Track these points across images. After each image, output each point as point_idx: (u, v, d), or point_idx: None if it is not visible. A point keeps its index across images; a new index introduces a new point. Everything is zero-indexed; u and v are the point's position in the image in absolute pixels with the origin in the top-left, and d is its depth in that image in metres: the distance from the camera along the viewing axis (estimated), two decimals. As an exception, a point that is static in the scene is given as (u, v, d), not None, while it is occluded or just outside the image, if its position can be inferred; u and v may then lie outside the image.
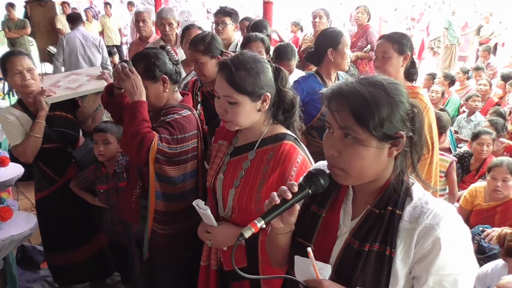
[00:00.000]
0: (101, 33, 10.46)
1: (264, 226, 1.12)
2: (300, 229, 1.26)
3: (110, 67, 6.68)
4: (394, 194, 1.15)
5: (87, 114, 3.06)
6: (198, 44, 2.70)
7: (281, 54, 3.80)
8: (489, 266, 2.56)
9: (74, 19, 6.75)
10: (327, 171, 1.21)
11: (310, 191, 1.17)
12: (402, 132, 1.09)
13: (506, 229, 2.56)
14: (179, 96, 2.31)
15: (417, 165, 1.17)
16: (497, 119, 4.95)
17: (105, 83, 2.85)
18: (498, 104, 6.21)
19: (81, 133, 3.09)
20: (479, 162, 4.14)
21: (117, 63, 9.12)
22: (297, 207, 1.16)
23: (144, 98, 2.09)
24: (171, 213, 2.20)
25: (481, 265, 2.82)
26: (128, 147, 2.06)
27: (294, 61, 3.87)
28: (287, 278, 1.31)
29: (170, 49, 2.26)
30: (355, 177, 1.13)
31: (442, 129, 3.66)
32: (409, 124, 1.11)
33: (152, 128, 2.08)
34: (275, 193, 1.15)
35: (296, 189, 1.14)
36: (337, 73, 3.09)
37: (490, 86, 6.66)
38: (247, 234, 1.11)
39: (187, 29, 3.56)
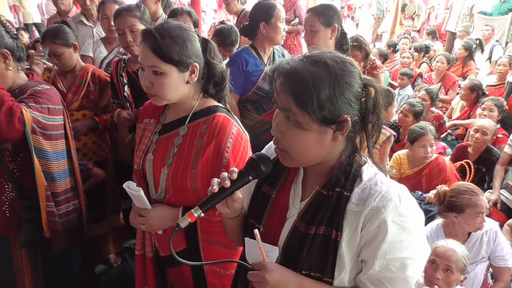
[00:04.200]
0: (14, 8, 9.54)
1: (202, 215, 1.07)
2: (252, 210, 1.22)
3: None
4: (342, 175, 1.09)
5: None
6: (134, 10, 2.52)
7: (224, 37, 3.63)
8: (426, 230, 2.66)
9: None
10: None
11: (251, 177, 1.12)
12: (346, 116, 1.02)
13: (444, 187, 2.67)
14: (25, 76, 2.08)
15: (372, 148, 1.11)
16: (432, 88, 5.19)
17: None
18: (420, 75, 6.51)
19: None
20: (407, 131, 4.31)
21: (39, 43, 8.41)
22: (238, 194, 1.12)
23: None
24: (55, 194, 2.08)
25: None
26: None
27: (237, 46, 3.70)
28: (234, 262, 1.29)
29: (5, 21, 2.00)
30: (298, 160, 1.09)
31: (386, 105, 3.73)
32: (358, 107, 1.04)
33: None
34: (215, 180, 1.09)
35: (235, 176, 1.09)
36: (272, 47, 3.03)
37: (413, 58, 7.08)
38: (183, 224, 1.07)
39: (102, 3, 3.30)
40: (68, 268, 2.35)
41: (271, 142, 1.31)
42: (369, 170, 1.11)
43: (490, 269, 2.68)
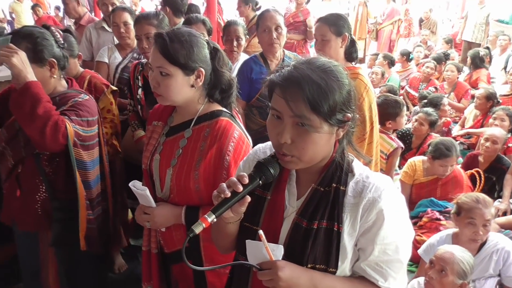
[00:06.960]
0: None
1: (215, 220, 1.09)
2: (246, 214, 1.22)
3: None
4: (337, 171, 1.18)
5: None
6: (152, 18, 2.66)
7: (230, 22, 3.62)
8: (435, 238, 2.71)
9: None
10: (270, 152, 1.21)
11: (260, 181, 1.16)
12: (349, 115, 1.12)
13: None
14: (65, 83, 2.15)
15: (351, 138, 1.21)
16: (436, 96, 5.20)
17: None
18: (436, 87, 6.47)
19: None
20: (419, 140, 4.34)
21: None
22: (248, 198, 1.13)
23: (34, 78, 1.86)
24: (91, 200, 2.17)
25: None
26: (39, 132, 1.85)
27: (242, 29, 3.56)
28: (239, 264, 1.29)
29: (55, 30, 2.07)
30: (306, 161, 1.14)
31: (393, 115, 3.79)
32: (352, 105, 1.13)
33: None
34: (224, 185, 1.11)
35: (246, 180, 1.12)
36: (283, 54, 3.07)
37: (435, 68, 6.87)
38: (198, 229, 1.08)
39: (113, 11, 3.39)
40: (90, 267, 2.39)
41: (255, 148, 1.38)
42: (358, 165, 1.21)
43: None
